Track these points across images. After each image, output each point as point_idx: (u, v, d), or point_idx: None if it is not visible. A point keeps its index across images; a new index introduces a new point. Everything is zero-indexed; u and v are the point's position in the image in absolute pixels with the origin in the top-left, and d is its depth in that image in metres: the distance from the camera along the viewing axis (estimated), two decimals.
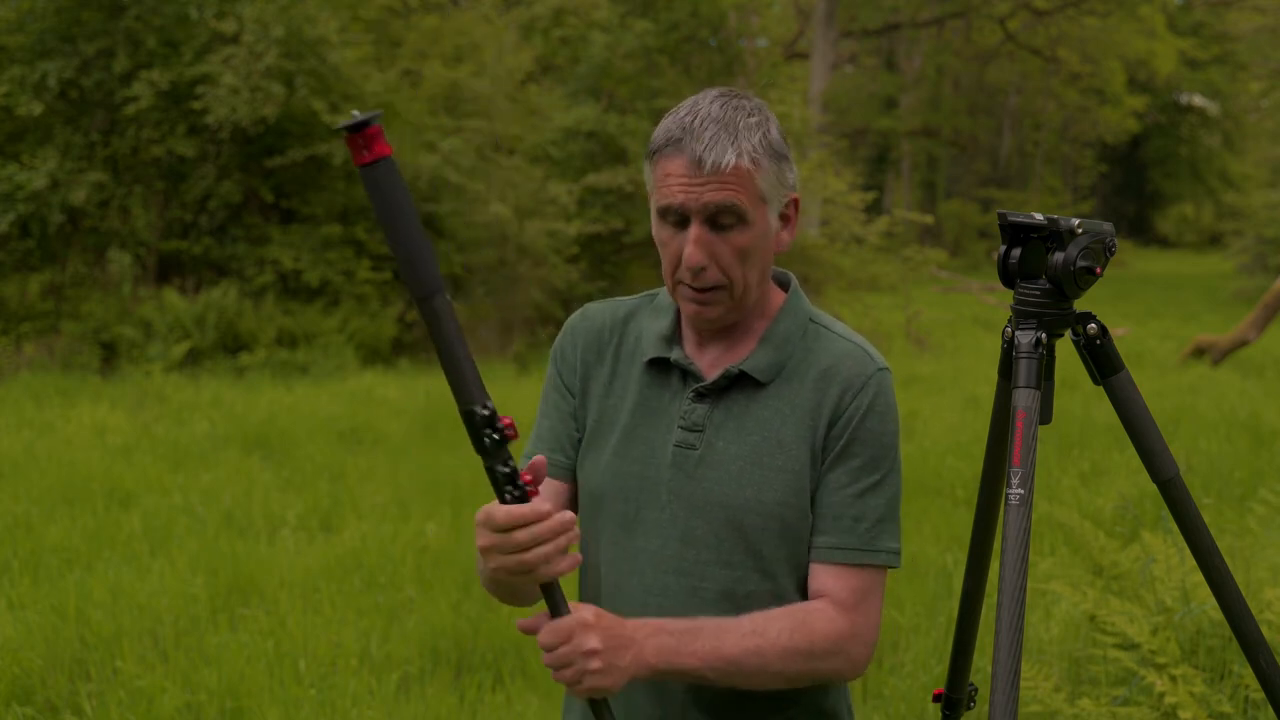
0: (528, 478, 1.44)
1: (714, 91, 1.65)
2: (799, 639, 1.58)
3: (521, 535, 1.41)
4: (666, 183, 1.61)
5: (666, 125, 1.63)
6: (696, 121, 1.60)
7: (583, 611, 1.49)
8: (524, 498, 1.43)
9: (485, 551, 1.44)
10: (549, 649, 1.47)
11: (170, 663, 4.05)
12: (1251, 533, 5.03)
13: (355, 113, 1.33)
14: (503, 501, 1.43)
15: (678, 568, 1.67)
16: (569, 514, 1.44)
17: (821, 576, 1.65)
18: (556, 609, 1.48)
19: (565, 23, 16.33)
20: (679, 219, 1.62)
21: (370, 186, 1.36)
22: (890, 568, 1.66)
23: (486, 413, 1.40)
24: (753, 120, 1.61)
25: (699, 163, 1.57)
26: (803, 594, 1.69)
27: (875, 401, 1.65)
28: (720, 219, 1.60)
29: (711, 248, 1.61)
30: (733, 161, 1.58)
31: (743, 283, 1.64)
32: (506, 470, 1.42)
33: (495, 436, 1.40)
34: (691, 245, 1.60)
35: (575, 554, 1.47)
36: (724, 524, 1.66)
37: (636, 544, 1.69)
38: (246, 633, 4.34)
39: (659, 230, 1.66)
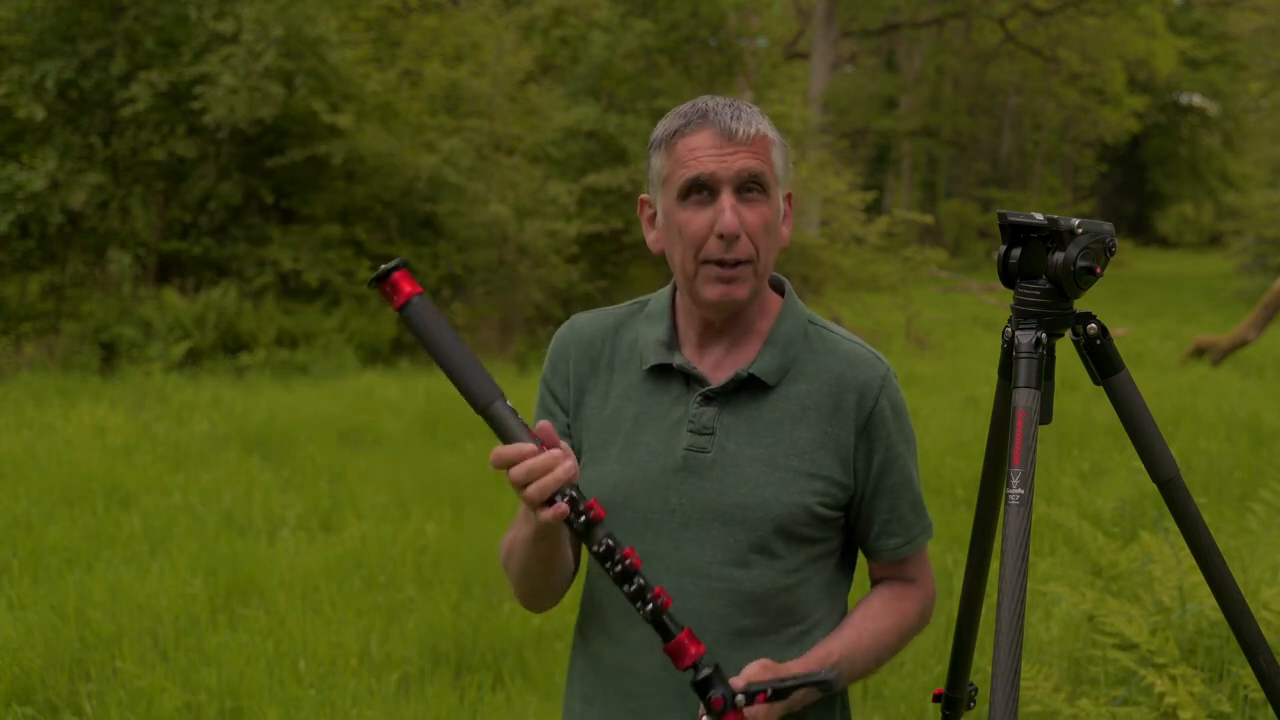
0: (629, 551, 1.54)
1: (709, 96, 1.71)
2: (905, 634, 1.78)
3: (516, 471, 1.52)
4: (694, 155, 1.63)
5: (676, 115, 1.68)
6: (711, 104, 1.66)
7: (752, 668, 1.58)
8: (629, 572, 1.54)
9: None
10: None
11: (170, 663, 4.05)
12: (1250, 532, 5.03)
13: (382, 266, 1.52)
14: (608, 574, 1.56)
15: (693, 570, 1.67)
16: (558, 451, 1.53)
17: (893, 569, 1.79)
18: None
19: (565, 23, 16.32)
20: (707, 192, 1.63)
21: (409, 325, 1.53)
22: None
23: (575, 494, 1.54)
24: (756, 110, 1.68)
25: (728, 132, 1.63)
26: (818, 590, 1.72)
27: (895, 401, 1.73)
28: (748, 188, 1.64)
29: (741, 217, 1.63)
30: (760, 130, 1.64)
31: (764, 259, 1.67)
32: (600, 549, 1.54)
33: (581, 520, 1.53)
34: (729, 211, 1.62)
35: (560, 505, 1.53)
36: (739, 525, 1.67)
37: (648, 549, 1.69)
38: (246, 633, 4.34)
39: (678, 213, 1.66)
